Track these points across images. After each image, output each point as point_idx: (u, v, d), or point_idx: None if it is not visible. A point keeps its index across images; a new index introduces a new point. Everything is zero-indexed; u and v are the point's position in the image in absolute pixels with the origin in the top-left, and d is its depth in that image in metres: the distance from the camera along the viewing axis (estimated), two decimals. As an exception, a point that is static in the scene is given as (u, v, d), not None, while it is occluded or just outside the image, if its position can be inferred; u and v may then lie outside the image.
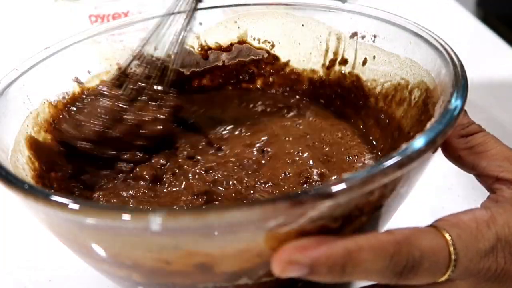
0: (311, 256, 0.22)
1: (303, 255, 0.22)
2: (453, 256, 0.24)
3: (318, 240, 0.23)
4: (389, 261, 0.23)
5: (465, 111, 0.30)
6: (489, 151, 0.29)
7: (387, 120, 0.37)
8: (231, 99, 0.45)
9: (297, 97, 0.44)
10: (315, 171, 0.34)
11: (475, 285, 0.26)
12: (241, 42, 0.45)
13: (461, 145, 0.29)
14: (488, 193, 0.30)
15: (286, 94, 0.45)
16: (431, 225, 0.26)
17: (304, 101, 0.44)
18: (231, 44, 0.45)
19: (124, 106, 0.36)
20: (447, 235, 0.25)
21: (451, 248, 0.24)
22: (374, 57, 0.39)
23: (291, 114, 0.42)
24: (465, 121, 0.29)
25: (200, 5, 0.44)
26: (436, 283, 0.25)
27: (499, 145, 0.29)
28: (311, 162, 0.35)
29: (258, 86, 0.46)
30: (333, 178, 0.34)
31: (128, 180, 0.35)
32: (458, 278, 0.25)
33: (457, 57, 0.30)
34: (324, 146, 0.37)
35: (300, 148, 0.37)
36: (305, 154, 0.36)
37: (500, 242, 0.25)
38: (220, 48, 0.45)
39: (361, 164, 0.36)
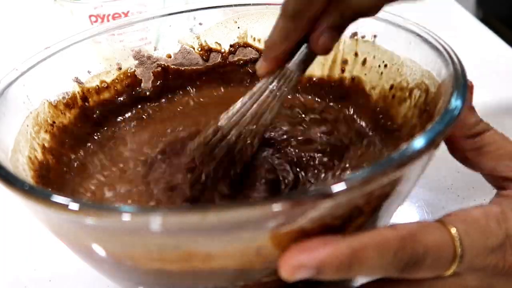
0: (318, 258, 0.22)
1: (310, 258, 0.22)
2: (458, 251, 0.24)
3: (323, 240, 0.23)
4: (393, 257, 0.23)
5: (473, 108, 0.30)
6: (496, 151, 0.29)
7: (387, 121, 0.37)
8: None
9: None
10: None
11: (482, 279, 0.26)
12: (243, 44, 0.45)
13: (468, 146, 0.29)
14: (488, 193, 0.30)
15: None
16: (438, 220, 0.26)
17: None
18: (234, 47, 0.45)
19: None
20: (453, 230, 0.25)
21: (457, 243, 0.24)
22: (374, 57, 0.39)
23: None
24: (473, 121, 0.29)
25: (200, 5, 0.44)
26: (442, 277, 0.25)
27: (507, 144, 0.29)
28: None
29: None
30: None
31: None
32: (465, 273, 0.25)
33: (457, 57, 0.30)
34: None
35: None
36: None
37: (509, 239, 0.25)
38: (223, 51, 0.45)
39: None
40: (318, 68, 0.43)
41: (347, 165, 0.35)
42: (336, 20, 0.28)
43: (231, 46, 0.45)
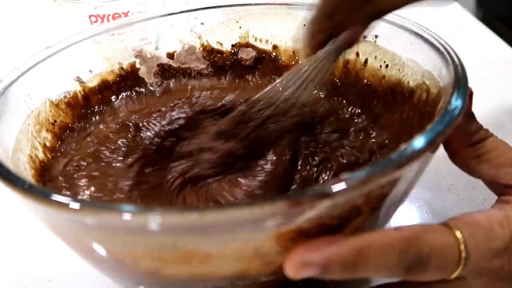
0: (323, 256, 0.22)
1: (315, 256, 0.22)
2: (463, 254, 0.24)
3: (328, 239, 0.23)
4: (398, 258, 0.23)
5: (473, 114, 0.30)
6: (496, 158, 0.29)
7: (388, 121, 0.37)
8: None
9: None
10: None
11: (487, 284, 0.26)
12: (245, 44, 0.45)
13: (468, 154, 0.29)
14: (488, 193, 0.30)
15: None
16: (443, 223, 0.26)
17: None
18: (236, 46, 0.45)
19: None
20: (458, 233, 0.25)
21: (462, 246, 0.24)
22: (375, 57, 0.39)
23: None
24: (473, 128, 0.29)
25: (200, 5, 0.44)
26: (447, 280, 0.25)
27: (507, 151, 0.29)
28: None
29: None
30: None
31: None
32: (470, 277, 0.26)
33: (458, 58, 0.30)
34: None
35: None
36: None
37: None
38: (225, 51, 0.45)
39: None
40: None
41: (346, 165, 0.35)
42: (366, 21, 0.30)
43: (232, 46, 0.45)
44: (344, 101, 0.42)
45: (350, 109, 0.41)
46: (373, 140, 0.37)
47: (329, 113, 0.40)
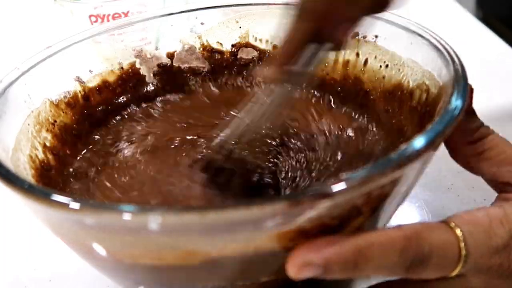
0: (324, 256, 0.22)
1: (316, 256, 0.22)
2: (463, 252, 0.25)
3: (329, 240, 0.23)
4: (398, 257, 0.23)
5: (474, 112, 0.30)
6: (497, 156, 0.29)
7: (388, 121, 0.37)
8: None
9: None
10: None
11: (487, 282, 0.26)
12: (245, 44, 0.45)
13: (469, 151, 0.29)
14: (488, 193, 0.30)
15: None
16: (443, 221, 0.26)
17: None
18: (236, 46, 0.45)
19: None
20: (458, 231, 0.25)
21: (462, 244, 0.25)
22: (375, 57, 0.39)
23: None
24: (474, 126, 0.29)
25: (200, 5, 0.44)
26: (447, 278, 0.26)
27: (508, 149, 0.29)
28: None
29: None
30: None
31: None
32: (470, 274, 0.26)
33: (458, 57, 0.30)
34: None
35: None
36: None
37: None
38: (225, 51, 0.45)
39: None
40: (320, 69, 0.43)
41: (347, 165, 0.35)
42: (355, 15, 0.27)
43: (232, 46, 0.45)
44: (343, 102, 0.42)
45: (348, 111, 0.41)
46: (372, 140, 0.37)
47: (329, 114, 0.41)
